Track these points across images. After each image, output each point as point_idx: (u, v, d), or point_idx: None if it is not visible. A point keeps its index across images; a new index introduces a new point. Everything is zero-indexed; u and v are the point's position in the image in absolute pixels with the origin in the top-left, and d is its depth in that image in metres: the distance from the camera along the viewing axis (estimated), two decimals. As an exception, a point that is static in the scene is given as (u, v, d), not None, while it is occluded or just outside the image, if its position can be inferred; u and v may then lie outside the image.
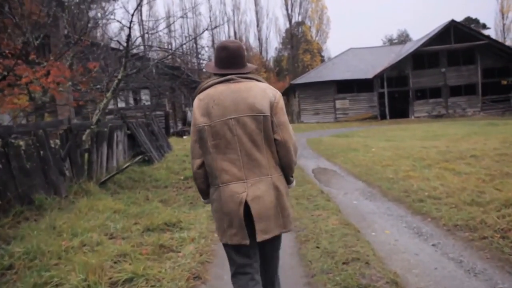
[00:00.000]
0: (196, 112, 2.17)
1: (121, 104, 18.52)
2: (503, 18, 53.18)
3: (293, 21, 51.96)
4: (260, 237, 2.10)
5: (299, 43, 50.61)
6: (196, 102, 2.20)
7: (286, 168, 2.24)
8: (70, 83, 8.90)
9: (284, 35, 54.89)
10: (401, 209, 5.05)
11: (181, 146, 13.85)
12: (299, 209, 5.00)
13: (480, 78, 32.82)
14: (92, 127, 7.17)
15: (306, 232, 4.05)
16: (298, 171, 8.38)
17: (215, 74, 2.26)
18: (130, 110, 18.26)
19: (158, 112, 18.10)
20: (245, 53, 2.32)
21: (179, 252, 3.61)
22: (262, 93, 2.15)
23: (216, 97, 2.14)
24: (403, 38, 59.80)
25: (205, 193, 2.31)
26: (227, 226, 2.15)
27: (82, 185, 6.56)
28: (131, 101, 18.67)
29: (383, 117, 33.52)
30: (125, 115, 9.78)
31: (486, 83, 33.16)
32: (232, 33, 52.59)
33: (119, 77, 7.08)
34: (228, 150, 2.11)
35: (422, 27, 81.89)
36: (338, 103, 34.55)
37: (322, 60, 49.72)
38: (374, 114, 34.15)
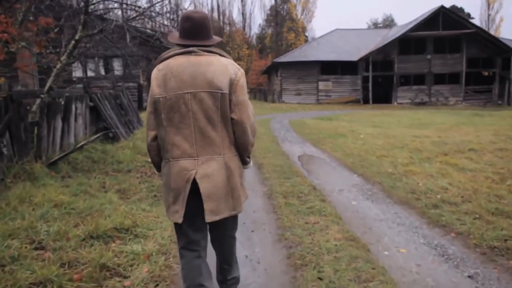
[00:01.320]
0: (154, 82, 2.07)
1: (91, 74, 17.02)
2: (488, 8, 53.02)
3: (278, -3, 50.27)
4: (208, 218, 2.04)
5: (284, 21, 49.08)
6: (154, 72, 2.10)
7: (242, 149, 2.16)
8: (23, 43, 7.57)
9: (268, 12, 53.23)
10: (412, 216, 4.13)
11: (154, 122, 12.66)
12: (290, 213, 4.02)
13: (465, 68, 32.44)
14: (42, 96, 5.95)
15: (301, 250, 3.07)
16: (284, 158, 7.41)
17: (177, 45, 2.14)
18: (99, 80, 16.81)
19: (131, 84, 16.70)
20: (210, 25, 2.18)
21: (127, 278, 2.58)
22: (223, 68, 2.05)
23: (174, 68, 2.04)
24: (388, 23, 59.17)
25: (158, 166, 2.25)
26: (171, 202, 2.09)
27: (26, 165, 5.40)
28: (102, 71, 17.17)
29: (365, 101, 32.87)
30: (88, 85, 8.52)
31: (470, 72, 32.85)
32: (215, 5, 50.52)
33: (77, 37, 5.84)
34: (182, 125, 2.02)
35: (407, 13, 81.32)
36: (321, 85, 33.62)
37: (306, 40, 48.47)
38: (357, 98, 33.44)
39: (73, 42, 5.90)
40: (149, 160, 6.90)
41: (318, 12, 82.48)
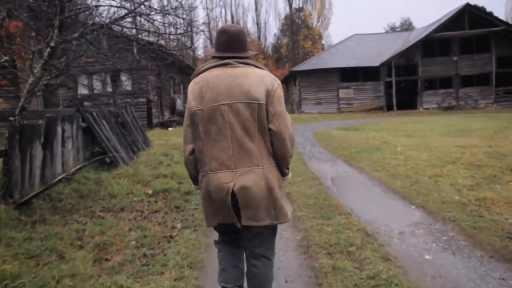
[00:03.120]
0: (190, 95, 2.10)
1: (96, 91, 16.01)
2: (514, 5, 50.66)
3: (293, 4, 49.13)
4: (245, 221, 2.04)
5: (300, 29, 47.85)
6: (191, 85, 2.13)
7: (281, 160, 2.13)
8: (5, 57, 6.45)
9: (283, 21, 52.09)
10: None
11: (163, 141, 11.39)
12: (340, 285, 2.61)
13: (495, 68, 30.45)
14: (11, 119, 4.74)
15: None
16: (315, 184, 6.00)
17: (213, 58, 2.16)
18: (106, 96, 15.76)
19: (140, 100, 15.60)
20: (246, 38, 2.21)
21: None
22: (259, 80, 2.05)
23: (211, 80, 2.06)
24: (406, 26, 57.30)
25: (196, 179, 2.24)
26: (217, 210, 2.08)
27: (-14, 208, 4.17)
28: (109, 87, 16.14)
29: (389, 108, 31.17)
30: (80, 102, 7.32)
31: (500, 73, 30.82)
32: (229, 17, 49.77)
33: (52, 43, 4.61)
34: (219, 137, 2.03)
35: (425, 16, 79.30)
36: (342, 93, 32.09)
37: (323, 48, 47.07)
38: (380, 104, 31.77)
39: (48, 49, 4.67)
40: (150, 192, 5.49)
41: (334, 18, 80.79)
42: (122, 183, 6.03)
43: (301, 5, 49.95)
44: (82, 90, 15.17)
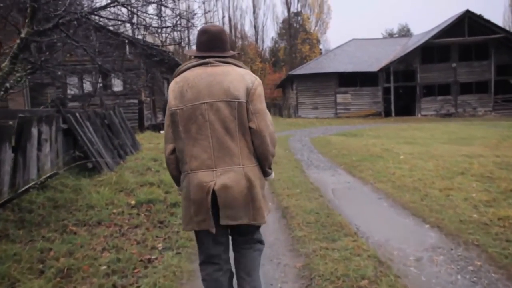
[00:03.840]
0: (170, 95, 2.08)
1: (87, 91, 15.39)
2: (512, 13, 50.57)
3: (292, 8, 48.75)
4: (223, 221, 2.02)
5: (298, 33, 47.46)
6: (172, 84, 2.11)
7: (262, 159, 2.11)
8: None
9: (281, 25, 51.71)
10: None
11: (154, 145, 10.83)
12: None
13: (494, 75, 30.13)
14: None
15: None
16: (315, 196, 5.45)
17: (195, 57, 2.15)
18: (98, 97, 15.16)
19: (131, 101, 15.01)
20: (227, 38, 2.18)
21: None
22: (239, 78, 2.04)
23: (191, 79, 2.04)
24: (404, 33, 57.21)
25: (178, 180, 2.20)
26: (194, 213, 2.04)
27: None
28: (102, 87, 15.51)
29: (387, 114, 30.77)
30: (62, 102, 6.75)
31: (499, 81, 30.52)
32: (226, 20, 49.30)
33: (23, 34, 4.06)
34: (199, 136, 2.01)
35: (423, 23, 79.34)
36: (340, 97, 31.64)
37: (321, 52, 46.67)
38: (378, 110, 31.35)
39: (18, 41, 4.11)
40: (133, 202, 4.90)
41: (332, 23, 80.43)
42: (103, 191, 5.46)
43: (299, 9, 49.65)
44: (75, 90, 14.54)
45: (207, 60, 2.08)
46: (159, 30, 5.97)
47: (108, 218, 4.49)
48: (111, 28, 6.44)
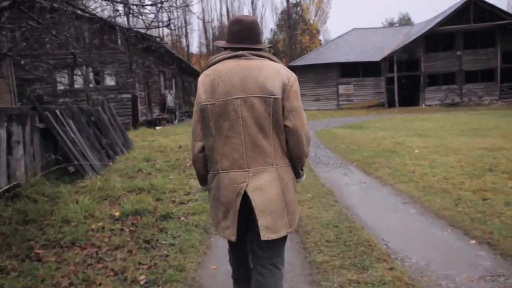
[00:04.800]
0: (200, 88, 1.95)
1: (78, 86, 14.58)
2: (516, -1, 49.53)
3: (290, -2, 47.67)
4: (265, 235, 1.84)
5: (297, 24, 46.45)
6: (201, 78, 1.98)
7: (296, 160, 1.99)
8: None
9: (280, 16, 50.64)
10: None
11: (148, 142, 10.06)
12: None
13: (500, 63, 29.23)
14: None
15: None
16: (330, 202, 4.68)
17: (225, 49, 2.02)
18: (91, 91, 14.36)
19: (125, 96, 14.21)
20: (260, 30, 2.09)
21: None
22: (275, 73, 1.90)
23: (223, 73, 1.91)
24: (405, 22, 56.20)
25: (204, 179, 2.10)
26: (221, 217, 1.95)
27: None
28: (92, 81, 14.70)
29: (390, 104, 29.93)
30: (39, 98, 5.98)
31: (505, 68, 29.64)
32: (224, 11, 48.31)
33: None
34: (231, 133, 1.88)
35: (423, 11, 78.21)
36: (342, 88, 30.80)
37: (321, 43, 45.71)
38: (381, 101, 30.51)
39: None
40: (118, 214, 4.12)
41: (332, 13, 78.97)
42: (83, 201, 4.70)
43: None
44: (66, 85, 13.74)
45: (240, 52, 1.94)
46: (141, 9, 5.15)
47: (85, 237, 3.72)
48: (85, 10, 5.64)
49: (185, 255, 3.23)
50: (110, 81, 14.61)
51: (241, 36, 1.98)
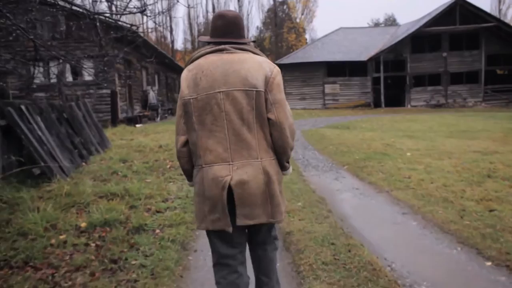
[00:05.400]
0: (183, 83, 1.95)
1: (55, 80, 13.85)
2: (500, 3, 50.15)
3: (277, -4, 47.22)
4: (241, 221, 1.88)
5: (283, 22, 46.03)
6: (184, 73, 1.98)
7: (280, 153, 1.97)
8: None
9: (266, 14, 50.12)
10: None
11: (126, 141, 9.48)
12: None
13: (484, 65, 29.39)
14: None
15: None
16: (323, 213, 4.23)
17: (208, 44, 2.01)
18: (66, 87, 13.66)
19: (104, 91, 13.54)
20: (243, 24, 2.07)
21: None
22: (257, 66, 1.90)
23: (205, 67, 1.91)
24: (390, 23, 56.39)
25: (190, 174, 2.08)
26: (208, 211, 1.91)
27: None
28: (70, 76, 13.98)
29: (376, 105, 29.78)
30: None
31: (489, 71, 29.86)
32: (210, 8, 47.58)
33: None
34: (215, 127, 1.88)
35: (408, 13, 78.84)
36: (328, 88, 30.51)
37: (307, 42, 45.39)
38: (367, 101, 30.33)
39: None
40: (85, 225, 3.66)
41: (319, 11, 78.52)
42: (46, 208, 4.15)
43: (285, -4, 48.13)
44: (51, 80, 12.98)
45: (222, 46, 1.94)
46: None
47: (42, 254, 3.19)
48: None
49: (157, 280, 2.74)
50: (88, 76, 13.93)
51: (224, 30, 1.97)
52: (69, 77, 13.79)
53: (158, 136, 10.47)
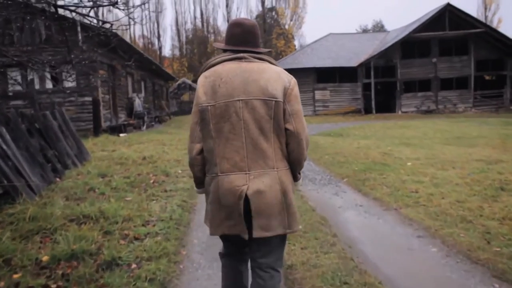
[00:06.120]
0: (200, 90, 1.93)
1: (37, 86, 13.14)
2: (485, 10, 50.63)
3: (266, 1, 46.98)
4: (258, 233, 1.86)
5: (272, 28, 45.74)
6: (201, 79, 1.96)
7: (295, 163, 1.97)
8: None
9: (255, 20, 49.77)
10: None
11: (108, 152, 8.82)
12: None
13: (473, 71, 29.35)
14: None
15: None
16: (326, 236, 3.68)
17: (225, 51, 2.00)
18: (46, 94, 12.96)
19: (86, 99, 12.85)
20: (260, 33, 2.07)
21: None
22: (276, 76, 1.90)
23: (224, 75, 1.90)
24: (378, 29, 56.57)
25: (200, 182, 2.07)
26: (225, 217, 1.91)
27: None
28: (49, 83, 13.27)
29: (367, 111, 29.48)
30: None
31: (478, 76, 29.87)
32: (198, 13, 47.11)
33: None
34: (232, 135, 1.86)
35: (396, 19, 79.47)
36: (318, 94, 30.14)
37: (296, 48, 45.12)
38: (357, 107, 30.02)
39: None
40: (44, 259, 3.14)
41: (308, 18, 78.57)
42: (1, 238, 3.52)
43: (274, 3, 47.90)
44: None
45: (241, 54, 1.93)
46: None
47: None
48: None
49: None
50: (70, 83, 13.23)
51: (241, 39, 1.97)
52: (49, 84, 13.08)
53: (142, 146, 9.83)
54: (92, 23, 5.39)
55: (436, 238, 3.68)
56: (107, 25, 5.20)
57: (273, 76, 1.87)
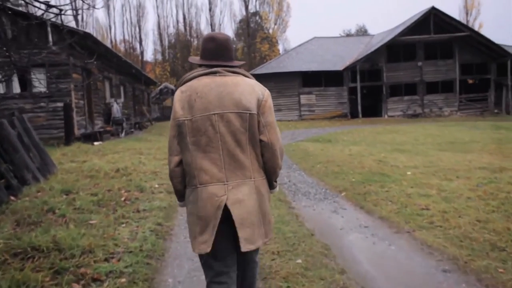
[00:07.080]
0: (177, 105, 1.98)
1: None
2: (467, 14, 51.10)
3: (250, 5, 46.39)
4: (245, 247, 1.88)
5: (256, 32, 45.16)
6: (177, 94, 2.02)
7: (270, 173, 2.05)
8: None
9: (238, 24, 49.16)
10: None
11: (78, 164, 7.94)
12: None
13: (458, 75, 29.28)
14: None
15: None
16: (330, 271, 2.96)
17: (200, 66, 2.08)
18: (13, 99, 11.98)
19: (58, 104, 11.90)
20: (233, 47, 2.13)
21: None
22: (250, 89, 1.96)
23: (199, 89, 1.95)
24: (362, 33, 56.62)
25: (181, 195, 2.11)
26: (198, 232, 1.91)
27: None
28: (17, 87, 12.28)
29: (353, 115, 29.07)
30: None
31: (463, 80, 29.83)
32: (180, 17, 46.22)
33: None
34: (209, 148, 1.91)
35: (379, 24, 79.98)
36: (304, 98, 29.59)
37: (280, 52, 44.64)
38: (344, 111, 29.59)
39: None
40: None
41: (292, 22, 78.42)
42: None
43: (258, 7, 47.38)
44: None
45: (215, 69, 1.98)
46: None
47: None
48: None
49: None
50: (40, 87, 12.27)
51: (215, 53, 2.01)
52: (17, 89, 12.10)
53: (117, 156, 8.97)
54: (40, 8, 4.57)
55: (467, 273, 2.99)
56: (55, 10, 4.39)
57: (246, 89, 1.92)
